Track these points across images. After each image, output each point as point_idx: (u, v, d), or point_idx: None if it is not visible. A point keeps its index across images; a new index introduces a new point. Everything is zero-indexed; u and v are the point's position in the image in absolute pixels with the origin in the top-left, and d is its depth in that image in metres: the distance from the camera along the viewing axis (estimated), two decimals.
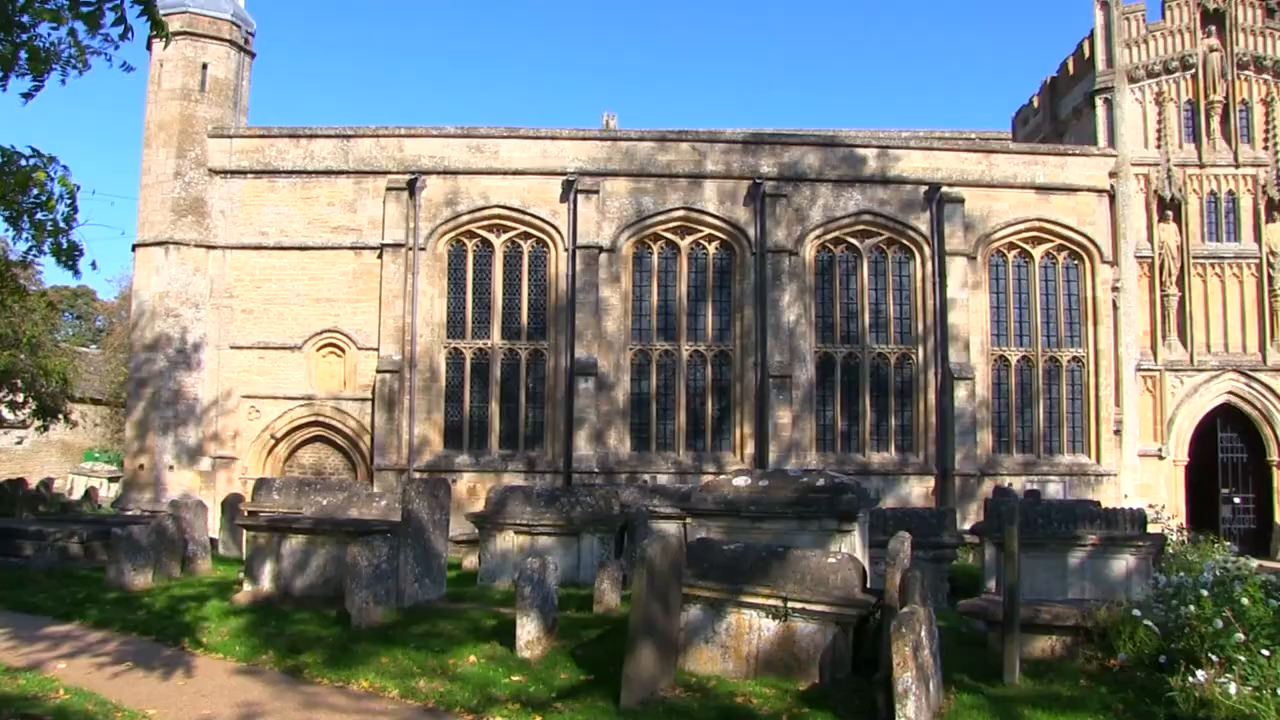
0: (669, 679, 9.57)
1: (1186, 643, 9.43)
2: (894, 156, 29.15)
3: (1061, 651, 10.67)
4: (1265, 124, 30.08)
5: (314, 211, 28.25)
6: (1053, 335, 29.18)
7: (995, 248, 29.07)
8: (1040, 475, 28.29)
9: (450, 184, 28.26)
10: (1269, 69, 30.21)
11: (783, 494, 12.03)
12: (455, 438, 28.13)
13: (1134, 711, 8.92)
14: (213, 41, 28.78)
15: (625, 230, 28.30)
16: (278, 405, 27.80)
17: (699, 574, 10.27)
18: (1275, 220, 29.73)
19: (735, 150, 28.85)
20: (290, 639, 11.48)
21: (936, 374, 28.36)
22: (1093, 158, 29.56)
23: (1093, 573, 15.18)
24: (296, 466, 28.41)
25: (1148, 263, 29.51)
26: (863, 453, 28.42)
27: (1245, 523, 29.65)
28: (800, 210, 28.58)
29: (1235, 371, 29.36)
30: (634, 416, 28.36)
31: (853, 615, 9.79)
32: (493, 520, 16.67)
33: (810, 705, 9.07)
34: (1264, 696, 7.91)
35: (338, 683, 9.97)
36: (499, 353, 28.36)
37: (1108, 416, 28.66)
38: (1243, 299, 29.65)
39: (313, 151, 28.46)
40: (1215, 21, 30.48)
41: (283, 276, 28.06)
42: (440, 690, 9.57)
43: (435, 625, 12.13)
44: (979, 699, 9.26)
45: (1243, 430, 29.93)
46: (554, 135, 28.72)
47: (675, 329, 28.60)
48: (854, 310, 28.87)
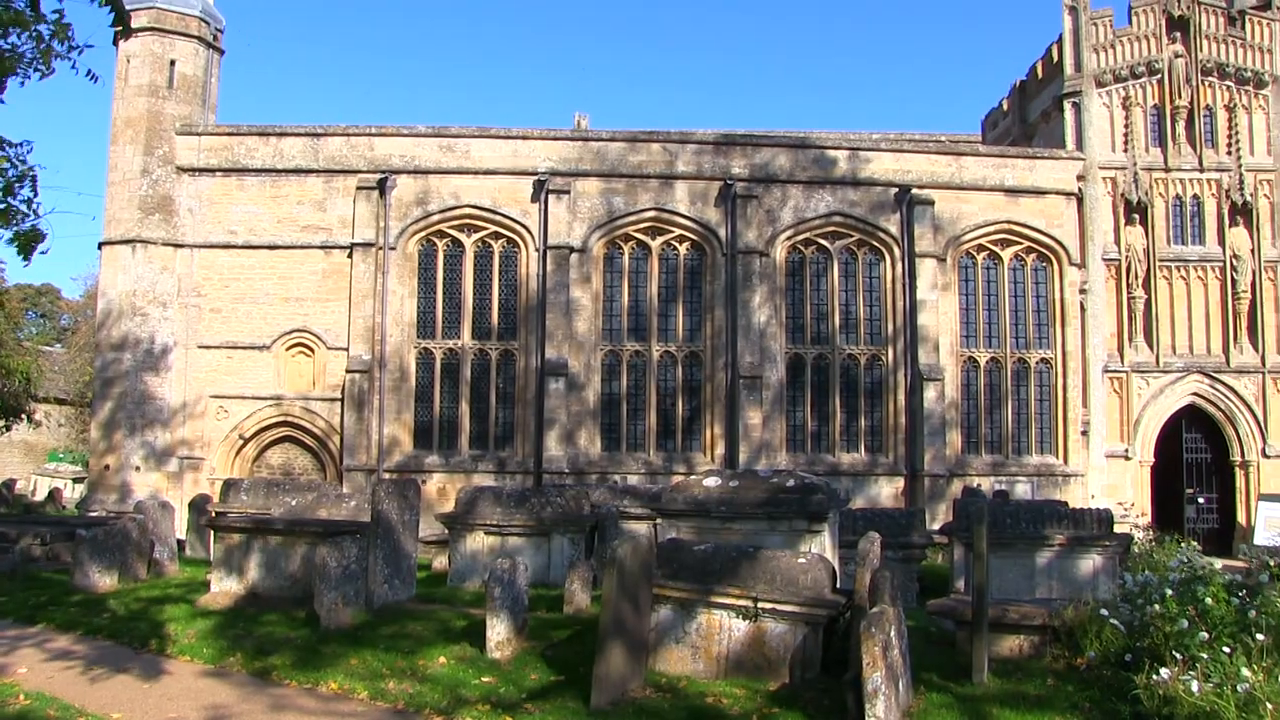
0: (639, 679, 9.57)
1: (1152, 641, 9.54)
2: (864, 158, 29.28)
3: (1029, 651, 10.76)
4: (1228, 129, 30.44)
5: (283, 210, 28.07)
6: (1021, 337, 29.41)
7: (965, 249, 29.27)
8: (1009, 476, 28.50)
9: (421, 183, 28.16)
10: (1231, 76, 30.59)
11: (753, 494, 12.05)
12: (425, 438, 28.02)
13: (1100, 710, 9.01)
14: (180, 38, 28.54)
15: (596, 230, 28.29)
16: (246, 405, 27.61)
17: (669, 574, 10.27)
18: (1238, 224, 30.11)
19: (706, 151, 28.90)
20: (258, 641, 11.40)
21: (906, 375, 28.51)
22: (1061, 161, 29.81)
23: (1060, 572, 15.30)
24: (265, 467, 28.22)
25: (1115, 265, 29.79)
26: (833, 453, 28.53)
27: (1209, 522, 30.01)
28: (771, 211, 28.66)
29: (1200, 373, 29.69)
30: (604, 417, 28.35)
31: (823, 615, 9.82)
32: (463, 521, 16.60)
33: (780, 705, 9.10)
34: (1224, 693, 8.02)
35: (306, 684, 9.90)
36: (469, 353, 28.28)
37: (1075, 417, 28.92)
38: (1207, 302, 30.00)
39: (282, 150, 28.28)
40: (1180, 28, 30.82)
41: (252, 276, 27.86)
42: (410, 691, 9.52)
43: (405, 626, 12.07)
44: (948, 698, 9.31)
45: (1207, 431, 30.29)
46: (525, 135, 28.67)
47: (646, 329, 28.62)
48: (824, 311, 28.98)
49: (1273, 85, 30.65)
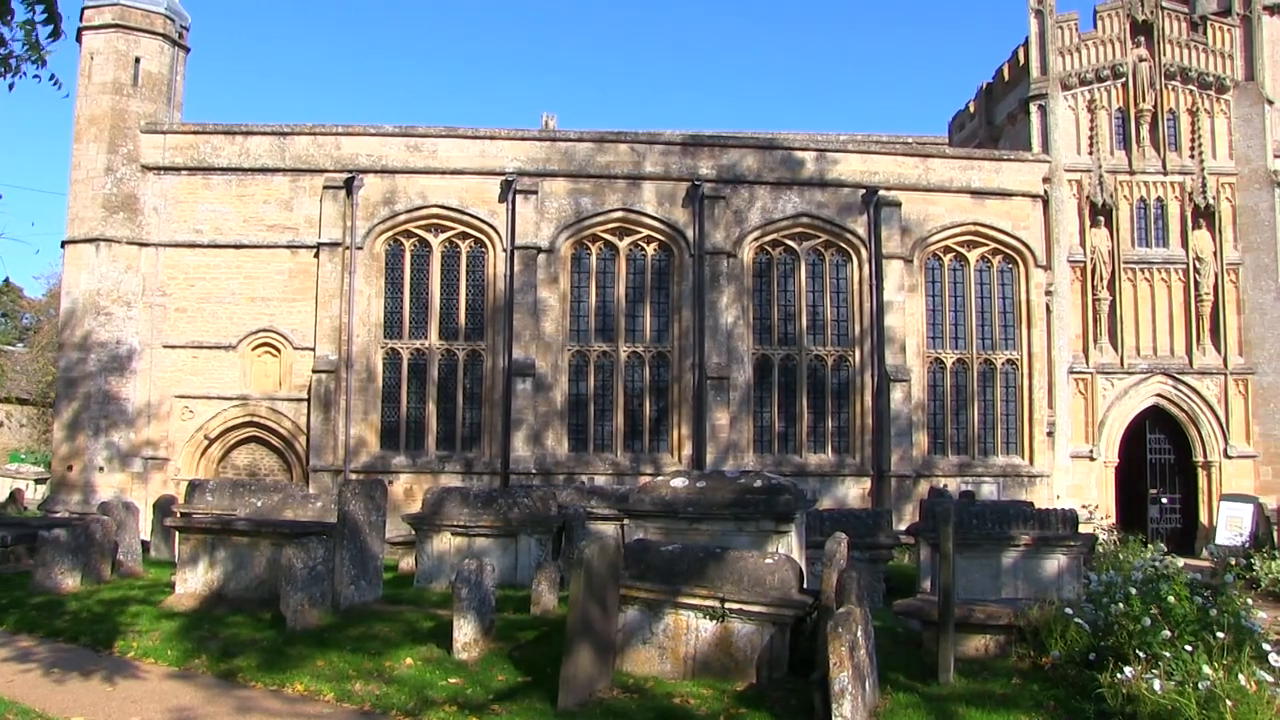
0: (606, 680, 9.56)
1: (1116, 640, 9.64)
2: (832, 159, 29.40)
3: (995, 650, 10.83)
4: (1191, 133, 30.79)
5: (250, 209, 27.86)
6: (987, 338, 29.61)
7: (931, 251, 29.45)
8: (975, 476, 28.69)
9: (388, 183, 28.03)
10: (1194, 80, 30.95)
11: (720, 495, 12.07)
12: (392, 439, 27.89)
13: (1065, 708, 9.08)
14: (145, 35, 28.24)
15: (564, 231, 28.25)
16: (212, 405, 27.38)
17: (637, 575, 10.27)
18: (1201, 227, 30.47)
19: (674, 152, 28.92)
20: (224, 642, 11.30)
21: (873, 376, 28.64)
22: (1027, 163, 30.04)
23: (1026, 572, 15.42)
24: (230, 468, 27.99)
25: (1080, 267, 30.05)
26: (800, 454, 28.62)
27: (1172, 522, 30.35)
28: (739, 212, 28.72)
29: (1163, 374, 30.01)
30: (572, 417, 28.31)
31: (790, 616, 9.85)
32: (430, 521, 16.54)
33: (747, 705, 9.12)
34: (1186, 691, 8.10)
35: (272, 686, 9.83)
36: (436, 353, 28.17)
37: (1041, 418, 29.15)
38: (1171, 304, 30.32)
39: (248, 149, 28.06)
40: (1144, 33, 31.14)
41: (217, 275, 27.63)
42: (376, 693, 9.47)
43: (371, 627, 12.01)
44: (914, 698, 9.36)
45: (1170, 432, 30.61)
46: (493, 135, 28.59)
47: (613, 330, 28.60)
48: (791, 312, 29.07)
49: (1234, 90, 31.04)
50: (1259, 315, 30.10)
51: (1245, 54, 31.27)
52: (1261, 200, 30.40)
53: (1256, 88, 30.94)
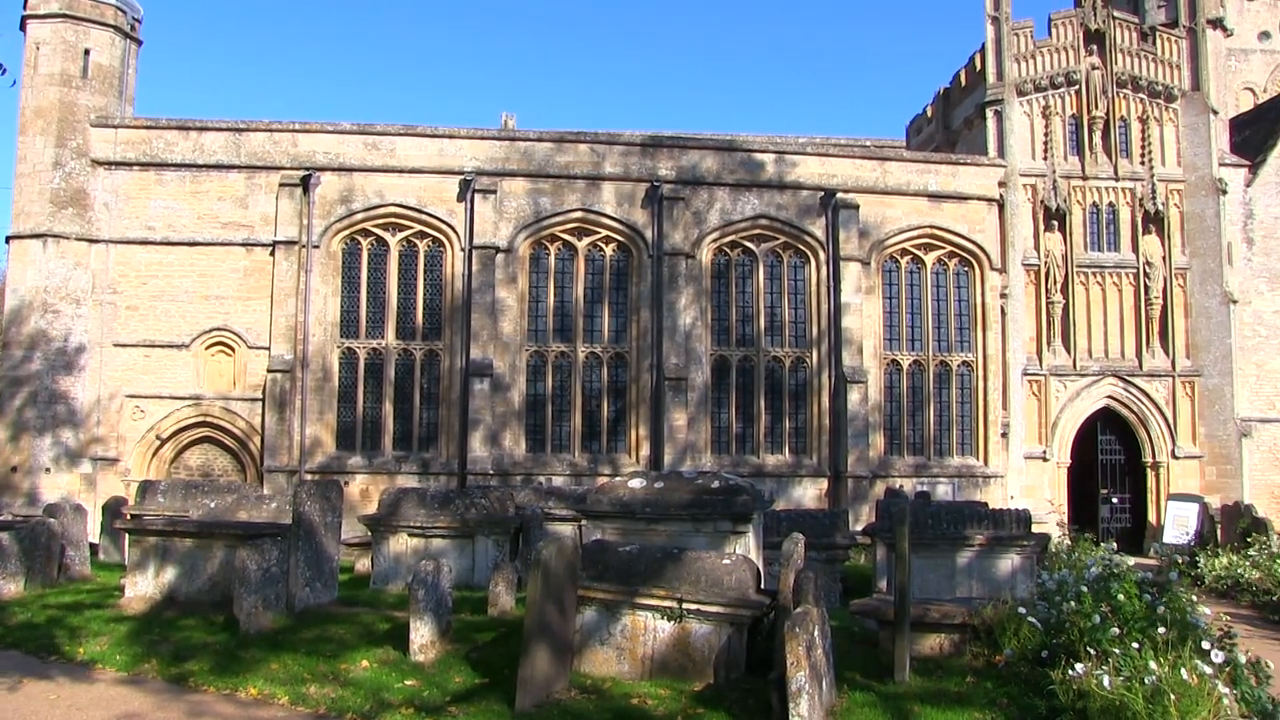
0: (564, 681, 9.55)
1: (1067, 638, 9.77)
2: (791, 162, 29.53)
3: (950, 649, 10.94)
4: (1142, 141, 31.24)
5: (204, 206, 27.54)
6: (943, 340, 29.88)
7: (889, 253, 29.67)
8: (930, 477, 28.94)
9: (345, 181, 27.81)
10: (1144, 89, 31.41)
11: (678, 496, 12.08)
12: (348, 439, 27.68)
13: (1018, 705, 9.19)
14: (95, 26, 27.80)
15: (523, 231, 28.18)
16: (164, 405, 27.02)
17: (594, 576, 10.26)
18: (1151, 232, 30.93)
19: (634, 153, 28.94)
20: (175, 646, 11.16)
21: (830, 377, 28.80)
22: (983, 167, 30.35)
23: (980, 572, 15.54)
24: (183, 468, 27.65)
25: (1034, 270, 30.38)
26: (757, 455, 28.72)
27: (1122, 521, 30.79)
28: (698, 213, 28.78)
29: (1114, 376, 30.43)
30: (529, 418, 28.23)
31: (747, 616, 9.88)
32: (386, 522, 16.43)
33: (705, 706, 9.14)
34: (1134, 686, 8.26)
35: (225, 690, 9.72)
36: (393, 353, 27.99)
37: (995, 419, 29.46)
38: (1122, 307, 30.75)
39: (203, 144, 27.73)
40: (1097, 41, 31.56)
41: (170, 273, 27.28)
42: (332, 696, 9.40)
43: (327, 630, 11.91)
44: (871, 697, 9.43)
45: (1121, 433, 31.05)
46: (451, 134, 28.46)
47: (572, 330, 28.56)
48: (750, 313, 29.18)
49: (1181, 99, 31.55)
50: (1205, 319, 30.61)
51: (1192, 65, 31.82)
52: (1207, 207, 30.91)
53: (1202, 98, 31.47)
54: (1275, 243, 31.50)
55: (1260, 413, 30.86)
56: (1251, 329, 31.05)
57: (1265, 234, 31.50)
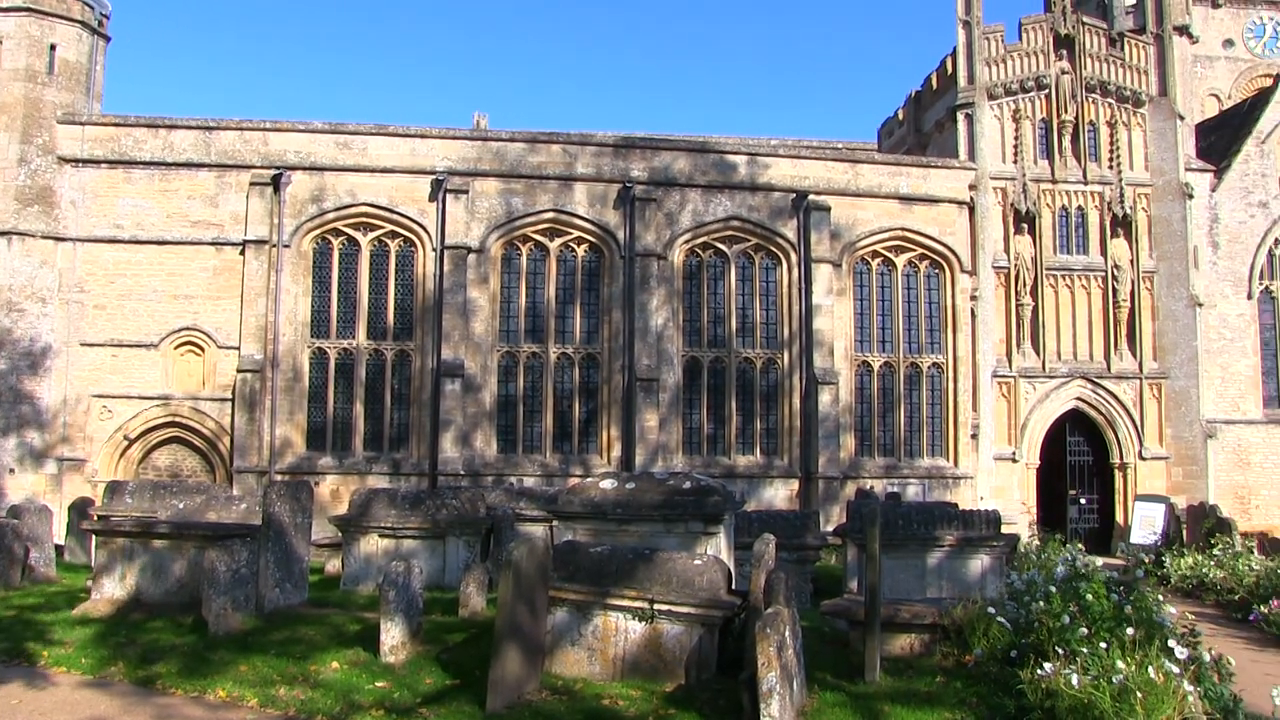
0: (535, 682, 9.54)
1: (1036, 637, 9.85)
2: (763, 164, 29.61)
3: (920, 649, 11.00)
4: (1110, 145, 31.54)
5: (173, 205, 27.31)
6: (914, 342, 30.03)
7: (860, 255, 29.80)
8: (901, 478, 29.09)
9: (317, 180, 27.66)
10: (1113, 94, 31.72)
11: (649, 497, 12.08)
12: (318, 439, 27.53)
13: (987, 704, 9.25)
14: (61, 21, 27.49)
15: (494, 231, 28.12)
16: (132, 405, 26.78)
17: (565, 577, 10.25)
18: (1119, 236, 31.23)
19: (606, 153, 28.93)
20: (142, 648, 11.04)
21: (801, 378, 28.89)
22: (954, 170, 30.54)
23: (950, 572, 15.63)
24: (151, 469, 27.42)
25: (1004, 273, 30.60)
26: (728, 456, 28.77)
27: (1090, 522, 31.08)
28: (670, 215, 28.82)
29: (1083, 378, 30.70)
30: (501, 418, 28.16)
31: (718, 616, 9.90)
32: (356, 523, 16.35)
33: (676, 706, 9.14)
34: (1101, 685, 8.33)
35: (193, 693, 9.63)
36: (364, 353, 27.86)
37: (965, 421, 29.63)
38: (1090, 310, 31.03)
39: (172, 142, 27.51)
40: (1066, 46, 31.84)
41: (139, 271, 27.04)
42: (301, 698, 9.34)
43: (296, 631, 11.83)
44: (841, 697, 9.46)
45: (1089, 434, 31.33)
46: (424, 134, 28.37)
47: (543, 331, 28.52)
48: (721, 315, 29.23)
49: (1149, 104, 31.88)
50: (1172, 322, 30.93)
51: (1159, 70, 32.16)
52: (1174, 211, 31.24)
53: (1169, 103, 31.81)
54: (1240, 247, 31.88)
55: (1225, 414, 31.23)
56: (1217, 332, 31.42)
57: (1230, 238, 31.88)
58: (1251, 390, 31.65)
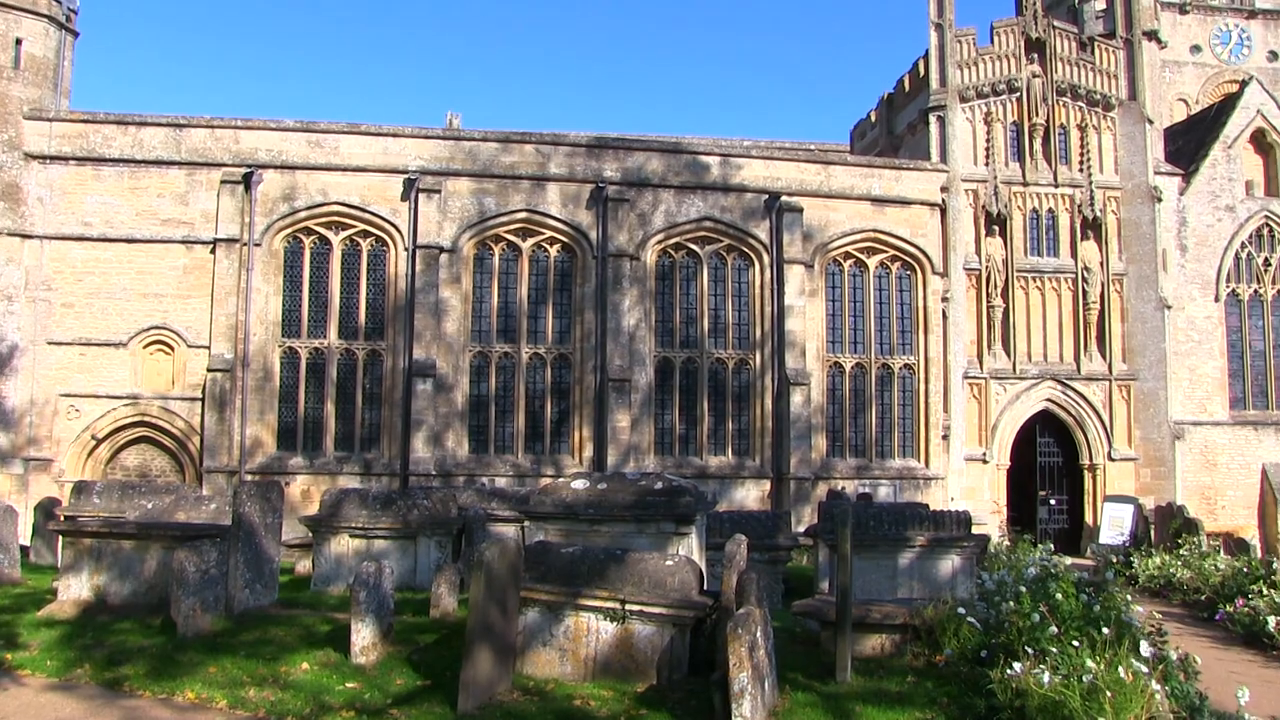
0: (507, 683, 9.52)
1: (1006, 637, 9.91)
2: (736, 165, 29.66)
3: (891, 649, 11.04)
4: (1080, 148, 31.81)
5: (143, 203, 27.07)
6: (885, 343, 30.16)
7: (832, 257, 29.90)
8: (872, 479, 29.21)
9: (288, 179, 27.49)
10: (1083, 97, 31.98)
11: (621, 497, 12.09)
12: (289, 439, 27.37)
13: (958, 704, 9.30)
14: (28, 15, 27.15)
15: (467, 231, 28.04)
16: (100, 405, 26.53)
17: (537, 577, 10.24)
18: (1089, 238, 31.49)
19: (579, 153, 28.91)
20: (110, 650, 10.94)
21: (773, 379, 28.96)
22: (926, 172, 30.69)
23: (921, 573, 15.70)
24: (119, 469, 27.17)
25: (975, 274, 30.79)
26: (700, 456, 28.81)
27: (1060, 522, 31.32)
28: (643, 215, 28.82)
29: (1053, 380, 30.93)
30: (472, 419, 28.09)
31: (690, 617, 9.91)
32: (327, 523, 16.26)
33: (648, 706, 9.15)
34: (1071, 684, 8.38)
35: (161, 695, 9.55)
36: (335, 352, 27.72)
37: (936, 422, 29.78)
38: (1060, 311, 31.27)
39: (142, 140, 27.27)
40: (1037, 50, 32.08)
41: (107, 270, 26.78)
42: (271, 699, 9.28)
43: (266, 632, 11.75)
44: (812, 697, 9.49)
45: (1059, 435, 31.57)
46: (396, 133, 28.26)
47: (515, 331, 28.46)
48: (693, 315, 29.26)
49: (1119, 108, 32.17)
50: (1141, 324, 31.22)
51: (1129, 75, 32.47)
52: (1144, 214, 31.54)
53: (1138, 107, 32.12)
54: (1207, 250, 32.23)
55: (1193, 416, 31.57)
56: (1185, 334, 31.74)
57: (1198, 241, 32.22)
58: (1218, 392, 32.01)
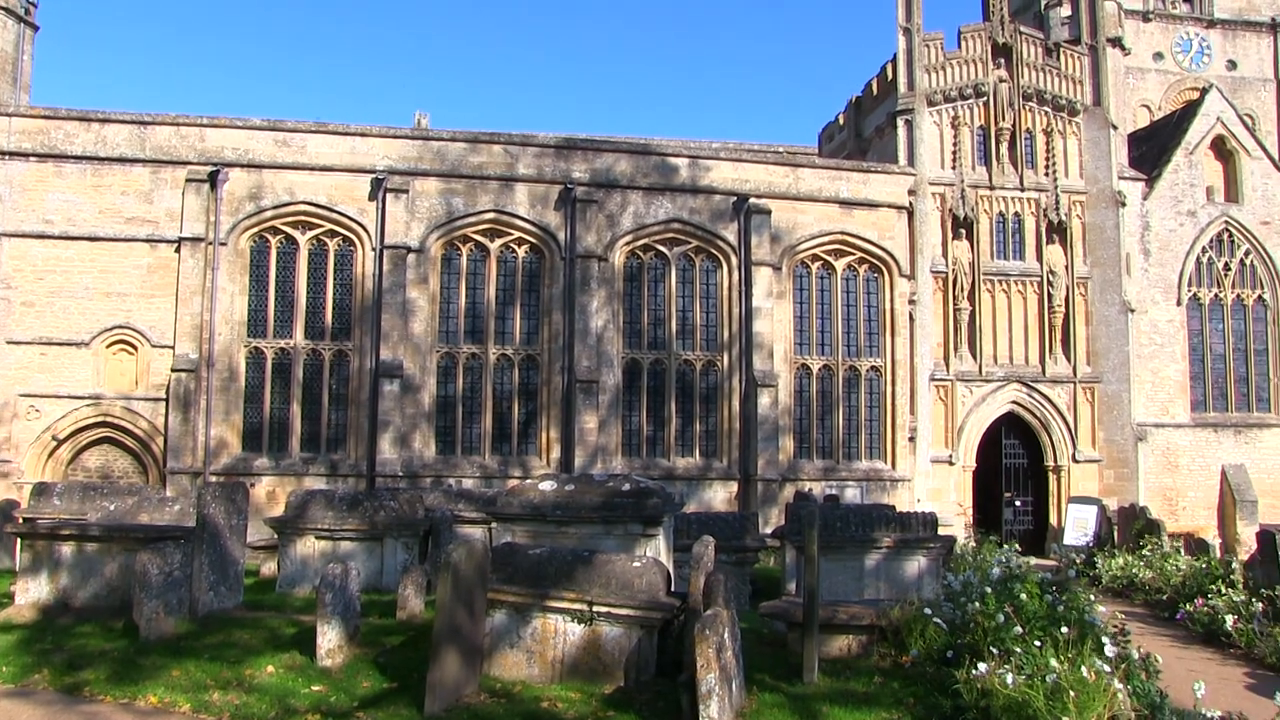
0: (474, 685, 9.48)
1: (972, 638, 9.98)
2: (704, 167, 29.71)
3: (858, 650, 11.09)
4: (1046, 153, 32.10)
5: (106, 200, 26.76)
6: (853, 345, 30.29)
7: (800, 259, 29.99)
8: (839, 480, 29.32)
9: (254, 178, 27.26)
10: (1049, 102, 32.27)
11: (588, 498, 12.08)
12: (254, 440, 27.14)
13: (924, 704, 9.35)
14: None
15: (434, 231, 27.92)
16: (61, 405, 26.20)
17: (504, 579, 10.21)
18: (1054, 242, 31.76)
19: (548, 154, 28.85)
20: (69, 655, 10.79)
21: (741, 381, 29.02)
22: (893, 175, 30.85)
23: (887, 574, 15.78)
24: (81, 470, 26.85)
25: (942, 277, 30.98)
26: (668, 458, 28.82)
27: (1025, 523, 31.57)
28: (611, 216, 28.81)
29: (1018, 382, 31.18)
30: (439, 420, 27.97)
31: (658, 618, 9.91)
32: (293, 525, 16.15)
33: (615, 708, 9.14)
34: (1035, 684, 8.46)
35: (123, 699, 9.44)
36: (302, 353, 27.53)
37: (903, 424, 29.94)
38: (1026, 314, 31.53)
39: (105, 137, 26.96)
40: (1004, 55, 32.34)
41: (69, 268, 26.45)
42: (236, 703, 9.20)
43: (231, 635, 11.66)
44: (780, 698, 9.51)
45: (1024, 437, 31.83)
46: (364, 132, 28.09)
47: (483, 332, 28.37)
48: (661, 317, 29.27)
49: (1084, 114, 32.48)
50: (1105, 327, 31.54)
51: (1094, 81, 32.81)
52: (1108, 218, 31.87)
53: (1103, 113, 32.45)
54: (1169, 255, 32.62)
55: (1155, 418, 31.94)
56: (1148, 337, 32.11)
57: (1160, 246, 32.60)
58: (1180, 395, 32.41)
